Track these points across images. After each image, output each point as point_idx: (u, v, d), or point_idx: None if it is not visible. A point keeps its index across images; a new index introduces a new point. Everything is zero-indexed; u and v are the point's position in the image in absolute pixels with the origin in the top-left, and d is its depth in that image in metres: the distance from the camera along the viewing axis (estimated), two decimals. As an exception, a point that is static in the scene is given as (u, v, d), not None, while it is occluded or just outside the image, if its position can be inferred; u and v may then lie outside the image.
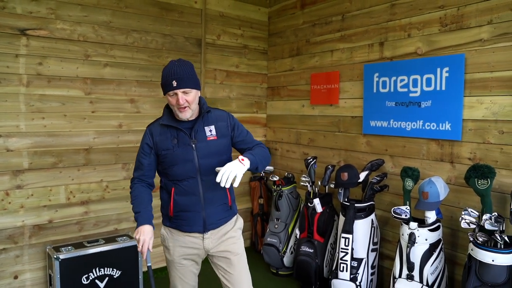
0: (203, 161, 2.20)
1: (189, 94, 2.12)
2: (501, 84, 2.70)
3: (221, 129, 2.28)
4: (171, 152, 2.21)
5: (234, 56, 4.47)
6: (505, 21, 2.67)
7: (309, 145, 4.26)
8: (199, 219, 2.23)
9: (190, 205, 2.23)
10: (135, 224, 3.76)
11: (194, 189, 2.21)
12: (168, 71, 2.13)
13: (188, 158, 2.19)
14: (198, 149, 2.20)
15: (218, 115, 2.32)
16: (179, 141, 2.21)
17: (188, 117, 2.18)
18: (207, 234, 2.27)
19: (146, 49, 3.85)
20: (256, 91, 4.70)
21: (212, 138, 2.24)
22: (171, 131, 2.23)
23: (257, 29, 4.63)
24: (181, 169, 2.20)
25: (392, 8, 3.37)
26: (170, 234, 2.34)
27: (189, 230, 2.26)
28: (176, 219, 2.29)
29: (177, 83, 2.09)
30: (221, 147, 2.27)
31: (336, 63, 3.91)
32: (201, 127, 2.24)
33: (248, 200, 4.69)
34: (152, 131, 2.29)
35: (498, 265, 2.35)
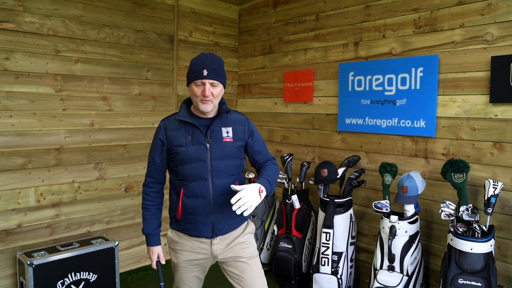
0: (216, 163, 2.12)
1: (216, 87, 2.06)
2: (472, 84, 2.87)
3: (238, 132, 2.21)
4: (183, 149, 2.11)
5: (206, 54, 4.43)
6: (476, 25, 2.83)
7: (282, 143, 4.30)
8: (208, 224, 2.14)
9: (199, 208, 2.12)
10: (110, 225, 3.67)
11: (204, 191, 2.11)
12: (200, 60, 2.07)
13: (200, 158, 2.10)
14: (212, 150, 2.12)
15: (237, 118, 2.26)
16: (193, 138, 2.12)
17: (209, 110, 2.09)
18: (216, 240, 2.18)
19: (118, 45, 3.73)
20: (227, 89, 4.69)
21: (228, 140, 2.16)
22: (186, 127, 2.14)
23: (228, 26, 4.62)
24: (192, 168, 2.10)
25: (366, 10, 3.48)
26: (177, 237, 2.24)
27: (197, 234, 2.17)
28: (184, 223, 2.18)
29: (208, 72, 2.02)
30: (236, 150, 2.19)
31: (310, 62, 3.98)
32: (218, 127, 2.17)
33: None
34: (167, 125, 2.19)
35: (476, 253, 2.50)
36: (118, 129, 3.78)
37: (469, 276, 2.48)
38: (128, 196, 3.89)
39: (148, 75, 3.95)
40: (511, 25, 2.68)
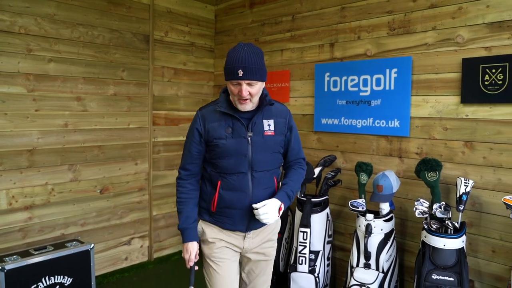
0: (257, 156, 2.04)
1: (254, 86, 1.95)
2: (444, 85, 2.96)
3: (279, 125, 2.12)
4: (223, 142, 2.02)
5: (182, 54, 4.41)
6: (448, 28, 2.92)
7: (259, 143, 4.32)
8: (244, 218, 2.07)
9: (236, 201, 2.05)
10: (85, 228, 3.61)
11: (244, 185, 2.04)
12: (236, 57, 1.93)
13: (241, 152, 2.02)
14: (254, 143, 2.04)
15: (279, 109, 2.16)
16: (234, 131, 2.03)
17: (248, 109, 2.01)
18: (249, 234, 2.14)
19: (92, 45, 3.67)
20: (203, 89, 4.68)
21: (270, 133, 2.08)
22: (226, 118, 2.04)
23: (204, 26, 4.60)
24: (233, 162, 2.03)
25: (342, 11, 3.53)
26: (209, 229, 2.15)
27: (231, 228, 2.11)
28: (219, 215, 2.11)
29: (244, 73, 1.89)
30: (277, 144, 2.12)
31: (286, 62, 4.01)
32: (260, 119, 2.07)
33: (196, 199, 4.65)
34: (205, 116, 2.08)
35: (449, 249, 2.58)
36: (92, 130, 3.72)
37: (442, 272, 2.56)
38: (104, 197, 3.83)
39: (123, 75, 3.90)
40: (480, 28, 2.77)
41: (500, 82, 2.67)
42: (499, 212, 2.73)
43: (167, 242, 4.39)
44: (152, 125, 4.17)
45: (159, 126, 4.24)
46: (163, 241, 4.35)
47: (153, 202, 4.22)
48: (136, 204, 4.09)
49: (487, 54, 2.74)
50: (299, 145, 2.25)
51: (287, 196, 2.08)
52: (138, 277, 3.90)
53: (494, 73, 2.70)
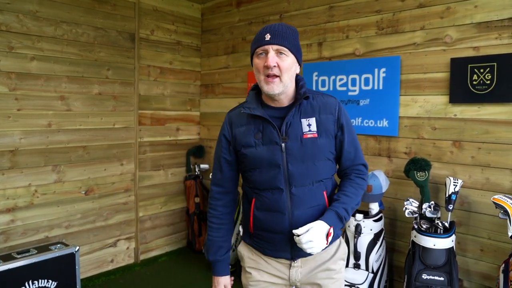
0: (294, 168, 1.63)
1: (284, 58, 1.58)
2: (433, 85, 2.96)
3: (325, 123, 1.66)
4: (252, 150, 1.67)
5: (168, 53, 4.34)
6: (436, 28, 2.93)
7: (246, 143, 4.28)
8: (285, 243, 1.67)
9: (274, 224, 1.66)
10: (70, 230, 3.53)
11: (280, 204, 1.64)
12: (264, 27, 1.64)
13: (273, 162, 1.64)
14: (289, 151, 1.63)
15: (324, 103, 1.68)
16: (264, 136, 1.65)
17: (276, 92, 1.59)
18: (296, 262, 1.72)
19: (76, 43, 3.58)
20: (190, 89, 4.62)
21: (311, 135, 1.64)
22: (255, 121, 1.67)
23: (190, 25, 4.55)
24: (264, 175, 1.66)
25: (330, 10, 3.52)
26: (249, 253, 1.81)
27: (272, 255, 1.73)
28: (258, 239, 1.75)
29: (271, 36, 1.57)
30: (323, 148, 1.67)
31: (274, 62, 3.97)
32: (297, 118, 1.65)
33: (183, 200, 4.59)
34: (232, 119, 1.76)
35: (439, 249, 2.59)
36: (77, 130, 3.63)
37: (432, 271, 2.56)
38: (88, 199, 3.74)
39: (108, 74, 3.82)
40: (468, 28, 2.79)
41: (488, 82, 2.69)
42: (488, 212, 2.75)
43: (154, 243, 4.33)
44: (138, 125, 4.09)
45: (145, 126, 4.17)
46: (149, 243, 4.28)
47: (139, 203, 4.15)
48: (122, 205, 4.02)
49: (475, 54, 2.76)
50: (356, 147, 1.76)
51: (338, 217, 1.63)
52: (124, 279, 3.83)
53: (482, 73, 2.71)
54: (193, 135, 4.68)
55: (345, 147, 1.72)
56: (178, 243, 4.58)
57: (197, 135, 4.73)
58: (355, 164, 1.76)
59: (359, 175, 1.76)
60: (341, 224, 1.64)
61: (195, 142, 4.70)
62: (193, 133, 4.69)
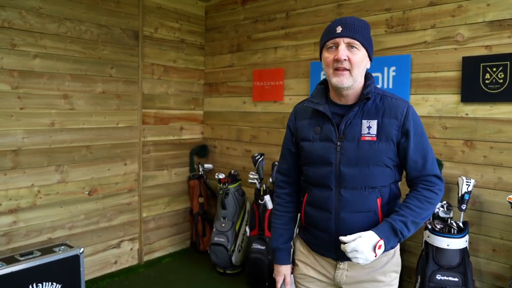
0: (346, 170, 1.58)
1: (355, 52, 1.53)
2: (444, 84, 2.93)
3: (387, 128, 1.57)
4: (309, 145, 1.66)
5: (172, 51, 4.28)
6: (447, 26, 2.89)
7: (251, 142, 4.23)
8: (330, 243, 1.64)
9: (320, 222, 1.66)
10: (73, 231, 3.47)
11: (327, 203, 1.62)
12: (335, 20, 1.62)
13: (326, 160, 1.60)
14: (343, 151, 1.58)
15: (390, 106, 1.60)
16: (322, 132, 1.63)
17: (345, 85, 1.54)
18: (343, 264, 1.67)
19: (80, 40, 3.52)
20: (194, 87, 4.56)
21: (369, 138, 1.57)
22: (317, 116, 1.66)
23: (194, 23, 4.49)
24: (317, 172, 1.64)
25: (339, 8, 3.47)
26: (302, 246, 1.82)
27: (319, 252, 1.73)
28: (307, 233, 1.76)
29: (343, 29, 1.53)
30: (379, 153, 1.57)
31: (280, 60, 3.93)
32: (358, 119, 1.59)
33: (186, 200, 4.53)
34: (298, 111, 1.77)
35: (452, 249, 2.55)
36: (80, 129, 3.57)
37: (446, 272, 2.52)
38: (92, 199, 3.68)
39: (112, 72, 3.76)
40: (480, 27, 2.75)
41: (501, 81, 2.65)
42: (500, 211, 2.71)
43: (157, 244, 4.27)
44: (142, 124, 4.03)
45: (149, 125, 4.11)
46: (153, 244, 4.22)
47: (143, 204, 4.09)
48: (126, 205, 3.96)
49: (488, 53, 2.72)
50: (424, 156, 1.61)
51: (392, 230, 1.52)
52: (128, 281, 3.77)
53: (495, 72, 2.68)
54: (196, 134, 4.62)
55: (410, 155, 1.59)
56: (182, 244, 4.52)
57: (200, 135, 4.68)
58: (424, 174, 1.62)
59: (428, 187, 1.61)
60: (395, 238, 1.53)
61: (198, 142, 4.64)
62: (197, 133, 4.63)
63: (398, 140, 1.59)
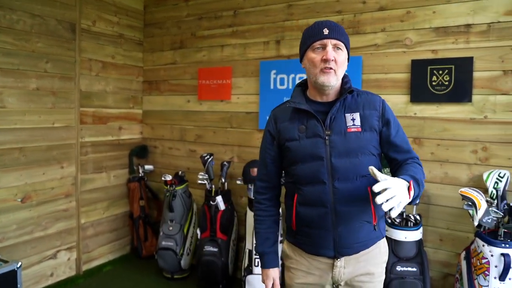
0: (338, 161, 1.63)
1: (340, 53, 1.64)
2: (393, 85, 3.10)
3: (368, 119, 1.68)
4: (296, 144, 1.69)
5: (110, 46, 4.03)
6: (396, 30, 3.07)
7: (196, 142, 4.13)
8: (328, 240, 1.68)
9: (316, 219, 1.68)
10: (4, 243, 3.14)
11: (322, 198, 1.65)
12: (318, 22, 1.70)
13: (317, 155, 1.65)
14: (333, 144, 1.64)
15: (367, 99, 1.72)
16: (308, 129, 1.68)
17: (332, 83, 1.63)
18: (340, 261, 1.70)
19: (11, 30, 3.16)
20: (133, 85, 4.33)
21: (355, 129, 1.65)
22: (300, 116, 1.71)
23: (133, 17, 4.26)
24: (307, 169, 1.66)
25: (289, 9, 3.52)
26: (292, 252, 1.82)
27: (315, 252, 1.73)
28: (300, 236, 1.76)
29: (329, 31, 1.62)
30: (365, 143, 1.66)
31: (227, 59, 3.88)
32: (341, 113, 1.68)
33: (126, 203, 4.30)
34: (277, 115, 1.81)
35: (409, 241, 2.72)
36: (12, 130, 3.21)
37: (405, 263, 2.68)
38: (25, 207, 3.33)
39: (47, 67, 3.43)
40: (427, 32, 2.95)
41: (447, 83, 2.88)
42: (446, 204, 2.94)
43: (97, 252, 3.99)
44: (80, 124, 3.74)
45: (87, 125, 3.82)
46: (92, 252, 3.94)
47: (81, 209, 3.80)
48: (62, 212, 3.64)
49: (434, 57, 2.94)
50: (406, 141, 1.76)
51: (413, 178, 1.52)
52: (67, 294, 3.48)
53: (441, 75, 2.90)
54: (135, 134, 4.40)
55: (394, 141, 1.71)
56: (122, 250, 4.28)
57: (139, 135, 4.46)
58: (409, 157, 1.72)
59: (414, 161, 1.70)
60: (417, 186, 1.52)
61: (137, 142, 4.42)
62: (136, 132, 4.41)
63: (380, 129, 1.72)
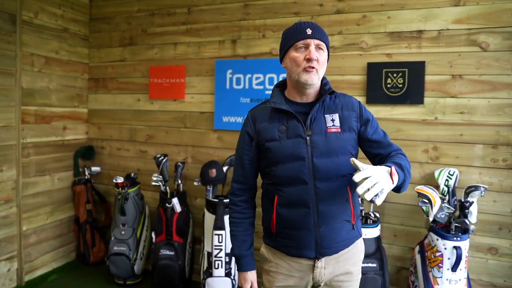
0: (319, 161, 1.65)
1: (321, 53, 1.67)
2: (350, 86, 3.19)
3: (347, 120, 1.72)
4: (276, 144, 1.69)
5: (54, 40, 3.77)
6: (353, 33, 3.16)
7: (147, 142, 3.99)
8: (310, 240, 1.68)
9: (298, 220, 1.68)
10: None
11: (304, 198, 1.66)
12: (299, 23, 1.71)
13: (298, 155, 1.66)
14: (314, 144, 1.66)
15: (345, 101, 1.77)
16: (289, 130, 1.69)
17: (314, 82, 1.66)
18: (320, 262, 1.72)
19: None
20: (78, 83, 4.09)
21: (334, 130, 1.68)
22: (280, 116, 1.72)
23: (78, 11, 4.02)
24: (289, 169, 1.67)
25: (245, 8, 3.50)
26: (271, 255, 1.81)
27: (296, 254, 1.73)
28: (281, 238, 1.75)
29: (312, 31, 1.64)
30: (345, 143, 1.69)
31: (180, 57, 3.79)
32: (320, 114, 1.71)
33: (71, 208, 4.05)
34: (256, 115, 1.78)
35: (369, 238, 2.80)
36: None
37: (366, 259, 2.76)
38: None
39: (-16, 62, 3.16)
40: (382, 36, 3.07)
41: (401, 85, 3.01)
42: (399, 201, 3.07)
43: (39, 260, 3.72)
44: (21, 124, 3.47)
45: (29, 124, 3.55)
46: (35, 260, 3.66)
47: (23, 215, 3.52)
48: (2, 219, 3.35)
49: (389, 60, 3.06)
50: (386, 136, 1.80)
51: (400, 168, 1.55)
52: (10, 307, 3.22)
53: (395, 77, 3.03)
54: (81, 134, 4.16)
55: (374, 138, 1.75)
56: (67, 257, 4.02)
57: (85, 135, 4.22)
58: (392, 150, 1.74)
59: (399, 153, 1.72)
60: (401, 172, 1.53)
61: (83, 143, 4.19)
62: (81, 133, 4.17)
63: (358, 129, 1.76)
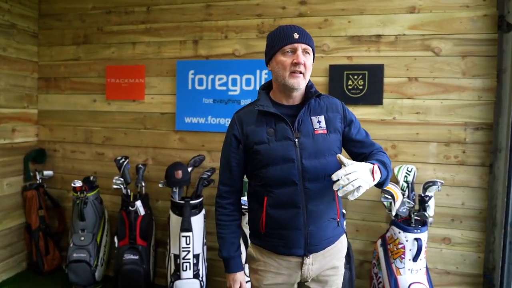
0: (308, 163, 1.69)
1: (308, 57, 1.72)
2: (312, 87, 3.28)
3: (333, 121, 1.78)
4: (265, 147, 1.72)
5: (1, 37, 3.54)
6: (315, 36, 2.99)
7: (104, 144, 3.86)
8: (299, 239, 1.73)
9: (289, 220, 1.72)
10: None
11: (294, 199, 1.70)
12: (286, 27, 1.73)
13: (288, 157, 1.69)
14: (303, 146, 1.71)
15: (329, 103, 1.82)
16: (277, 132, 1.72)
17: (301, 86, 1.71)
18: (308, 259, 1.77)
19: None
20: (27, 82, 3.87)
21: (321, 131, 1.74)
22: (267, 119, 1.75)
23: (26, 6, 3.80)
24: (279, 171, 1.70)
25: (207, 9, 3.49)
26: (259, 254, 1.83)
27: (286, 252, 1.77)
28: (270, 238, 1.78)
29: (299, 36, 1.68)
30: (331, 144, 1.75)
31: (139, 57, 3.70)
32: (307, 116, 1.75)
33: (21, 214, 3.83)
34: (242, 118, 1.79)
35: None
36: None
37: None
38: None
39: None
40: (343, 40, 3.19)
41: (361, 87, 3.15)
42: (361, 197, 3.13)
43: (-10, 272, 3.51)
44: (-33, 126, 3.24)
45: (-24, 127, 3.33)
46: (-16, 272, 3.45)
47: (-29, 225, 3.30)
48: None
49: (350, 63, 3.19)
50: (369, 137, 1.89)
51: (382, 165, 1.66)
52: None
53: (356, 79, 3.16)
54: (31, 137, 3.94)
55: (358, 138, 1.84)
56: (17, 267, 3.80)
57: (35, 137, 4.00)
58: (375, 148, 1.84)
59: (380, 151, 1.83)
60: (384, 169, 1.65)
61: (33, 145, 3.97)
62: (31, 135, 3.95)
63: (342, 130, 1.83)
